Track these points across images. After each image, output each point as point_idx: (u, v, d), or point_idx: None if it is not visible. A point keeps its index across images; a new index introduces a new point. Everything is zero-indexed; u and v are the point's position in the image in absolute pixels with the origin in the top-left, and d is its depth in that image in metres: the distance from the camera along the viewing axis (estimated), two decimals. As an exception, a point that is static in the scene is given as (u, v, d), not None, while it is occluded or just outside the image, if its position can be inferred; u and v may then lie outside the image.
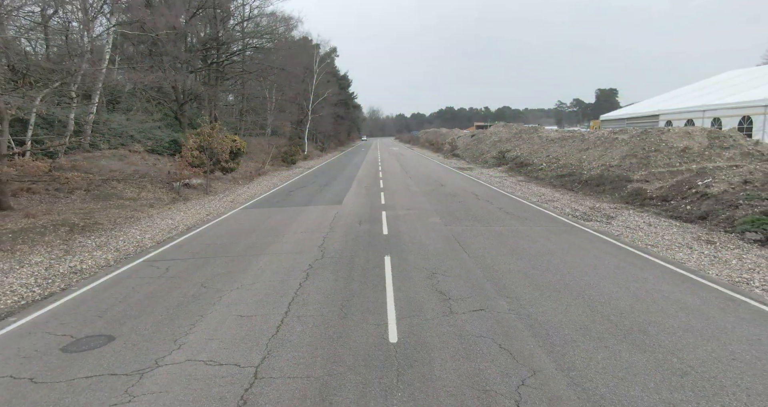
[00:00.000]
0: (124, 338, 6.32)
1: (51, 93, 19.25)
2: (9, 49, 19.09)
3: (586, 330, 6.33)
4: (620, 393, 4.79)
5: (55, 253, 11.41)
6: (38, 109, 17.90)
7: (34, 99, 18.79)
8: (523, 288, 8.04)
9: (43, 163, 18.08)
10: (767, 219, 11.79)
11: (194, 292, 8.18)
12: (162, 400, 4.79)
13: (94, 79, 22.96)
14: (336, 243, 11.63)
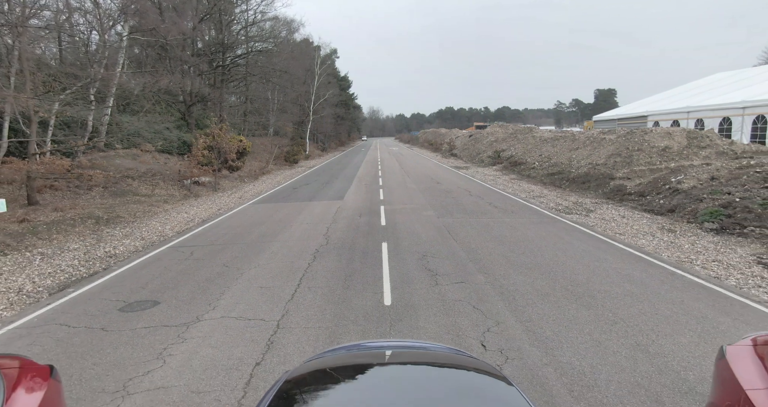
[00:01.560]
0: (167, 302, 7.72)
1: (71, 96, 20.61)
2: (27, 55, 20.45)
3: (545, 295, 7.72)
4: (561, 334, 6.19)
5: (88, 241, 12.81)
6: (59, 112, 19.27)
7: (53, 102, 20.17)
8: (499, 267, 9.44)
9: (65, 162, 19.51)
10: (724, 211, 13.19)
11: (218, 270, 9.58)
12: (208, 341, 6.19)
13: (109, 82, 24.35)
14: (339, 232, 13.03)
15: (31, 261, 10.67)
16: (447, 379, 2.57)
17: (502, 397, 2.31)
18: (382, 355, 3.02)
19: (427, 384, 2.51)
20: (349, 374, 2.66)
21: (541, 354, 5.68)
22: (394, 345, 3.28)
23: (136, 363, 5.59)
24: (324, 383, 2.57)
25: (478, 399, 2.33)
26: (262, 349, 5.92)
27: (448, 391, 2.35)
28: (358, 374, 2.67)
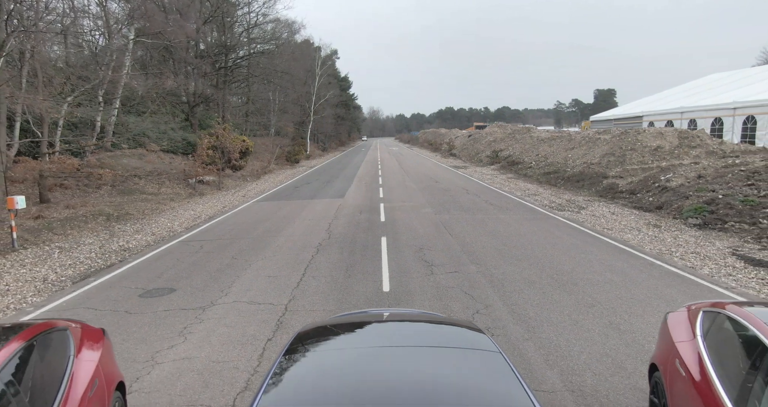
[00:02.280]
0: (183, 289, 8.37)
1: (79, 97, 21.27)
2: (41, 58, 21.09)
3: (532, 283, 8.37)
4: (542, 315, 6.83)
5: (102, 236, 13.46)
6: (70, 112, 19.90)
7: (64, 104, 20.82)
8: (491, 258, 10.08)
9: (75, 161, 20.16)
10: (707, 207, 13.84)
11: (228, 262, 10.23)
12: (223, 321, 6.83)
13: (116, 84, 25.01)
14: (340, 228, 13.68)
15: (51, 254, 11.32)
16: (433, 329, 3.22)
17: (473, 338, 2.95)
18: (381, 316, 3.66)
19: (417, 330, 3.15)
20: (353, 326, 3.31)
21: (523, 331, 6.33)
22: (393, 310, 3.93)
23: (161, 339, 6.24)
24: (331, 333, 3.22)
25: (456, 340, 2.98)
26: (272, 328, 6.57)
27: (433, 335, 2.99)
28: (360, 327, 3.32)
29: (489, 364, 2.58)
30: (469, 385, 2.40)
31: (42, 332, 3.13)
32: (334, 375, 2.52)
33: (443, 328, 3.29)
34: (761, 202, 13.15)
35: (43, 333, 3.14)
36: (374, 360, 2.68)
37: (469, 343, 2.91)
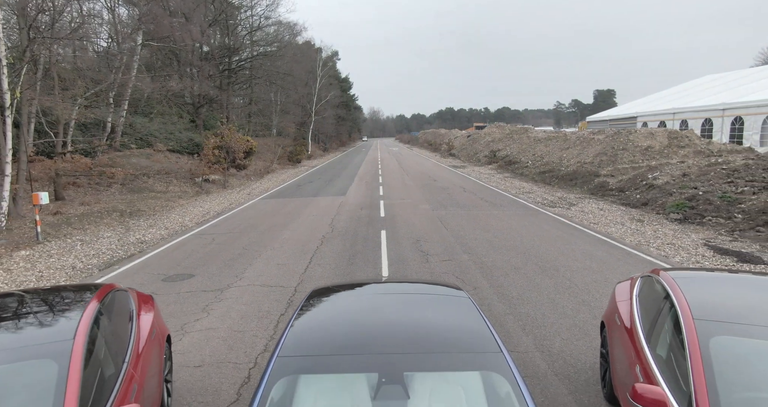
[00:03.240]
0: (201, 275, 9.22)
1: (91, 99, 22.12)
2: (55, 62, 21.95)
3: (517, 269, 9.22)
4: (524, 295, 7.69)
5: (118, 230, 14.32)
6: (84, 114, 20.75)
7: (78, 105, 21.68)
8: (482, 249, 10.93)
9: (88, 160, 21.03)
10: (688, 203, 14.69)
11: (239, 252, 11.08)
12: (240, 300, 7.69)
13: (125, 86, 25.89)
14: (342, 223, 14.54)
15: (74, 246, 12.18)
16: (422, 285, 4.08)
17: (451, 291, 3.80)
18: (380, 279, 4.51)
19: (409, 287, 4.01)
20: (357, 286, 4.16)
21: (506, 307, 7.18)
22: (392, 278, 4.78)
23: (187, 314, 7.09)
24: (339, 291, 4.07)
25: (438, 291, 3.84)
26: (284, 305, 7.42)
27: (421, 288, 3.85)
28: (362, 286, 4.17)
29: (461, 307, 3.44)
30: (446, 320, 3.26)
31: (112, 290, 3.97)
32: (342, 317, 3.37)
33: (430, 286, 4.15)
34: (738, 198, 14.00)
35: (112, 291, 3.98)
36: (374, 305, 3.53)
37: (448, 294, 3.77)
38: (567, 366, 5.34)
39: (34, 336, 3.09)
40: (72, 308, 3.44)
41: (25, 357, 2.78)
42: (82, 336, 2.96)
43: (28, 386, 2.62)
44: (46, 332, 3.14)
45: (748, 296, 3.59)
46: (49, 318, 3.36)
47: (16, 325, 3.25)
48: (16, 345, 2.96)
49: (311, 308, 3.53)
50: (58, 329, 3.13)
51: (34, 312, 3.45)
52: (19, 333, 3.14)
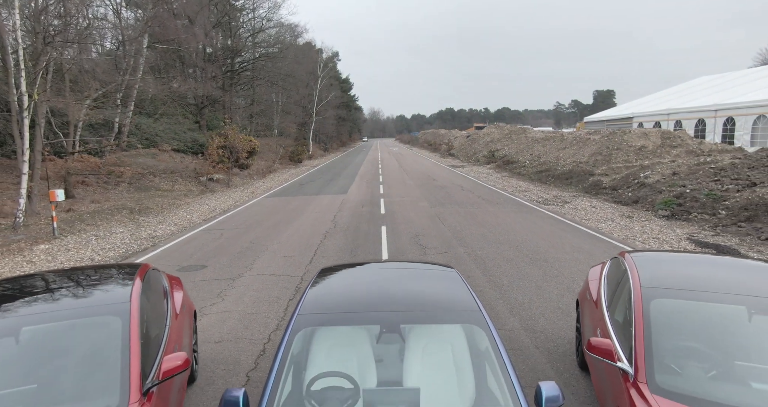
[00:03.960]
0: (213, 266, 9.85)
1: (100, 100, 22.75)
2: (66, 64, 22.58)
3: (509, 260, 9.85)
4: (513, 283, 8.32)
5: (130, 226, 14.95)
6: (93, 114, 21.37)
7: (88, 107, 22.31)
8: (477, 242, 11.56)
9: (97, 160, 21.67)
10: (676, 200, 15.32)
11: (247, 246, 11.71)
12: (251, 287, 8.32)
13: (131, 88, 26.54)
14: (344, 219, 15.17)
15: (89, 241, 12.81)
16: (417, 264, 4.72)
17: (443, 268, 4.43)
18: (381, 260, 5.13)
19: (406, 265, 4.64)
20: (361, 264, 4.79)
21: (497, 293, 7.81)
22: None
23: (203, 299, 7.72)
24: (345, 268, 4.69)
25: (431, 268, 4.47)
26: (292, 291, 8.05)
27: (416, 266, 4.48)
28: (366, 264, 4.80)
29: (450, 279, 4.07)
30: (436, 287, 3.89)
31: (149, 269, 4.59)
32: (349, 285, 4.00)
33: (425, 264, 4.79)
34: (723, 195, 14.62)
35: (149, 270, 4.60)
36: (376, 277, 4.17)
37: (439, 270, 4.40)
38: (548, 342, 5.97)
39: (98, 299, 3.72)
40: (123, 279, 4.06)
41: (95, 314, 3.41)
42: (136, 300, 3.58)
43: (101, 334, 3.25)
44: (107, 296, 3.77)
45: (693, 270, 4.21)
46: (107, 287, 3.99)
47: (83, 291, 3.88)
48: (86, 305, 3.59)
49: (323, 280, 4.16)
50: (115, 294, 3.76)
51: (94, 282, 4.07)
52: (86, 296, 3.78)
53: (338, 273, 4.45)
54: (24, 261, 10.59)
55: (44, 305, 3.56)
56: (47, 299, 3.65)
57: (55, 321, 3.31)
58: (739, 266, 4.46)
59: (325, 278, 4.21)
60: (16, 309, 3.46)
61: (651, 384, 3.06)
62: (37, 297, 3.67)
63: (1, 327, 3.20)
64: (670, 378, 3.09)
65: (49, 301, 3.61)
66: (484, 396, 2.97)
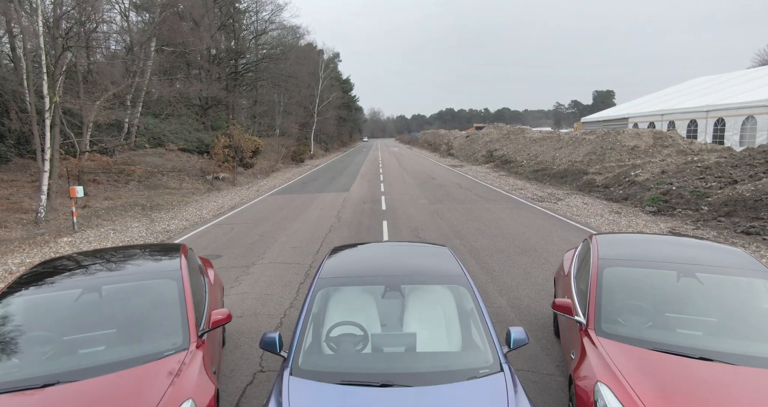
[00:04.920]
0: (228, 256, 10.66)
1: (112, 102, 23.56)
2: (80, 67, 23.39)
3: (502, 251, 10.65)
4: (504, 270, 9.13)
5: (144, 222, 15.76)
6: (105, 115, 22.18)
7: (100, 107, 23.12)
8: (473, 235, 12.37)
9: (109, 159, 22.48)
10: (663, 197, 16.12)
11: (257, 238, 12.52)
12: (265, 273, 9.12)
13: (139, 89, 27.36)
14: (348, 214, 15.98)
15: (108, 234, 13.62)
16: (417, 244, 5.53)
17: (439, 248, 5.23)
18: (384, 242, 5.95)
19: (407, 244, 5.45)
20: (367, 244, 5.61)
21: (488, 278, 8.61)
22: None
23: (223, 283, 8.52)
24: (354, 246, 5.50)
25: (429, 248, 5.28)
26: (302, 277, 8.86)
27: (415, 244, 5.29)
28: (371, 244, 5.61)
29: (443, 254, 4.87)
30: (430, 259, 4.70)
31: (188, 248, 5.39)
32: (358, 258, 4.80)
33: (421, 243, 5.61)
34: (706, 192, 15.43)
35: (188, 249, 5.40)
36: (380, 253, 4.98)
37: (434, 247, 5.21)
38: (530, 316, 6.77)
39: (156, 267, 4.54)
40: (170, 253, 4.87)
41: (156, 277, 4.23)
42: (185, 268, 4.40)
43: (162, 292, 4.07)
44: (162, 264, 4.59)
45: (643, 246, 5.02)
46: (160, 258, 4.81)
47: (143, 260, 4.70)
48: (148, 270, 4.42)
49: (336, 254, 4.97)
50: (168, 263, 4.56)
51: (149, 255, 4.90)
52: (146, 265, 4.61)
53: (348, 250, 5.25)
54: (51, 252, 11.40)
55: (116, 270, 4.37)
56: (117, 266, 4.48)
57: (127, 282, 4.14)
58: (679, 242, 5.33)
59: (338, 253, 5.02)
60: (96, 272, 4.29)
61: (597, 330, 3.87)
62: (109, 264, 4.50)
63: (87, 286, 4.01)
64: (612, 326, 3.89)
65: (119, 267, 4.44)
66: (466, 339, 3.78)
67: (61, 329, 3.67)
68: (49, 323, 3.72)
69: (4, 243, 12.22)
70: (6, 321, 3.67)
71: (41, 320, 3.74)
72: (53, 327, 3.68)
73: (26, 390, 3.16)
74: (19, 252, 11.34)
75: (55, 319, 3.75)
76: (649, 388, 3.16)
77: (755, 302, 3.96)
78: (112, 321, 3.78)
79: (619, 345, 3.65)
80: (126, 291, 4.04)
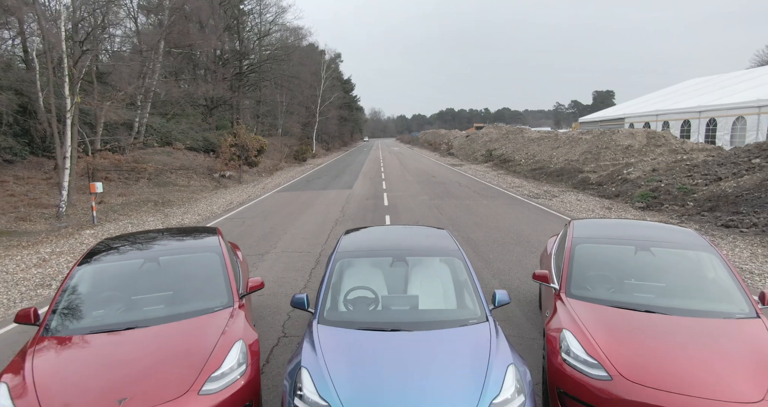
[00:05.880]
0: (242, 245, 11.45)
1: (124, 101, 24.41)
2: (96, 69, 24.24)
3: (497, 241, 11.48)
4: (498, 257, 9.96)
5: (158, 216, 16.59)
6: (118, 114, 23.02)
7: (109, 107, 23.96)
8: (470, 228, 13.20)
9: (121, 157, 23.32)
10: (652, 194, 16.94)
11: (268, 231, 13.35)
12: (279, 260, 9.96)
13: (149, 90, 28.21)
14: (352, 209, 16.81)
15: (126, 228, 14.45)
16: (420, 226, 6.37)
17: (438, 230, 6.06)
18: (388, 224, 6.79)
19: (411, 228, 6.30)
20: (377, 226, 6.45)
21: (483, 264, 9.45)
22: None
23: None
24: (364, 228, 6.34)
25: (430, 229, 6.11)
26: (313, 263, 9.70)
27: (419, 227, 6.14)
28: (381, 226, 6.45)
29: (441, 235, 5.70)
30: (430, 238, 5.54)
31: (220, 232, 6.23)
32: (369, 237, 5.64)
33: (424, 226, 6.46)
34: (692, 188, 16.25)
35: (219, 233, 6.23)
36: (388, 233, 5.82)
37: (434, 229, 6.05)
38: (519, 295, 7.61)
39: (200, 243, 5.39)
40: (208, 234, 5.72)
41: (201, 251, 5.08)
42: (223, 245, 5.26)
43: (207, 263, 4.91)
44: (205, 241, 5.43)
45: (614, 228, 5.87)
46: (202, 236, 5.65)
47: (189, 238, 5.56)
48: (193, 246, 5.27)
49: (349, 234, 5.81)
50: (209, 240, 5.41)
51: (192, 234, 5.74)
52: (192, 241, 5.46)
53: (360, 231, 6.09)
54: (77, 243, 12.24)
55: (168, 245, 5.22)
56: (168, 242, 5.33)
57: (179, 254, 4.99)
58: (641, 225, 6.23)
59: (351, 233, 5.86)
60: (152, 246, 5.14)
61: (568, 293, 4.70)
62: (161, 240, 5.36)
63: (148, 257, 4.86)
64: (580, 290, 4.73)
65: (170, 243, 5.29)
66: (459, 299, 4.61)
67: (130, 290, 4.51)
68: (121, 285, 4.55)
69: (33, 235, 13.07)
70: (86, 284, 4.52)
71: (114, 283, 4.58)
72: (124, 288, 4.52)
73: (114, 331, 4.00)
74: (48, 243, 12.18)
75: (125, 282, 4.59)
76: (602, 331, 4.00)
77: (697, 270, 4.80)
78: (171, 284, 4.62)
79: (584, 304, 4.49)
80: (179, 261, 4.89)
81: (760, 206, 12.99)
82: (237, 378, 3.72)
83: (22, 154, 22.95)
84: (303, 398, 3.43)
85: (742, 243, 10.98)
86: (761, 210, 12.65)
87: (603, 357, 3.76)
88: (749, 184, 14.63)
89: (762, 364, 3.54)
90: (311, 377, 3.54)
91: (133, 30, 28.65)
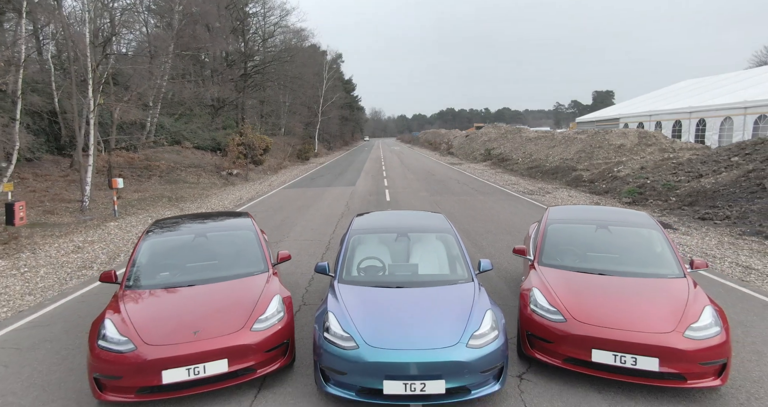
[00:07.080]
0: (257, 235, 12.57)
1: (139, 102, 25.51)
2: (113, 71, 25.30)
3: (490, 231, 12.57)
4: (490, 244, 11.04)
5: (174, 210, 17.67)
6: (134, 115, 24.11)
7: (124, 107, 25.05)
8: (467, 221, 14.28)
9: (135, 155, 24.40)
10: (638, 190, 18.02)
11: (279, 223, 14.43)
12: (292, 246, 11.04)
13: (159, 91, 29.31)
14: (356, 204, 17.89)
15: (147, 220, 15.54)
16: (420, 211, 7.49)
17: (436, 214, 7.14)
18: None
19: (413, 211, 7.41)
20: (383, 211, 7.54)
21: (477, 250, 10.53)
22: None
23: (259, 253, 10.44)
24: (371, 212, 7.44)
25: (429, 213, 7.20)
26: (324, 249, 10.79)
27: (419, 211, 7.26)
28: (387, 211, 7.54)
29: (438, 218, 6.79)
30: (429, 220, 6.63)
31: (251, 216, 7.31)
32: (377, 220, 6.75)
33: (423, 211, 7.58)
34: (676, 185, 17.33)
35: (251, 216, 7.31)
36: (393, 216, 6.92)
37: (432, 213, 7.14)
38: (506, 273, 8.69)
39: (237, 223, 6.51)
40: (243, 216, 6.82)
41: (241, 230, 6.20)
42: (256, 225, 6.35)
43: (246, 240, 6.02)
44: (242, 221, 6.54)
45: (581, 212, 6.98)
46: (238, 218, 6.75)
47: (228, 219, 6.68)
48: (233, 225, 6.39)
49: (361, 216, 6.90)
50: (245, 221, 6.52)
51: (230, 217, 6.86)
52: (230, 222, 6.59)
53: (369, 214, 7.19)
54: (105, 233, 13.33)
55: (213, 224, 6.34)
56: (211, 222, 6.45)
57: (222, 231, 6.10)
58: (604, 210, 7.39)
59: (362, 216, 6.96)
60: (200, 225, 6.25)
61: (540, 262, 5.81)
62: (205, 220, 6.49)
63: (198, 232, 5.97)
64: (550, 260, 5.83)
65: (213, 223, 6.41)
66: (451, 266, 5.70)
67: (186, 258, 5.62)
68: (178, 254, 5.66)
69: (63, 226, 14.15)
70: (151, 253, 5.62)
71: (173, 253, 5.68)
72: (181, 257, 5.62)
73: (179, 287, 5.11)
74: (79, 234, 13.27)
75: (182, 252, 5.69)
76: (562, 288, 5.11)
77: (644, 244, 5.90)
78: (218, 254, 5.72)
79: (551, 270, 5.59)
80: (223, 237, 6.00)
81: (734, 200, 14.07)
82: (276, 322, 4.81)
83: (40, 152, 24.07)
84: (330, 331, 4.52)
85: (713, 233, 12.06)
86: (734, 204, 13.74)
87: (561, 306, 4.85)
88: (726, 180, 15.71)
89: (677, 308, 4.65)
90: (336, 318, 4.63)
91: (144, 34, 29.74)
